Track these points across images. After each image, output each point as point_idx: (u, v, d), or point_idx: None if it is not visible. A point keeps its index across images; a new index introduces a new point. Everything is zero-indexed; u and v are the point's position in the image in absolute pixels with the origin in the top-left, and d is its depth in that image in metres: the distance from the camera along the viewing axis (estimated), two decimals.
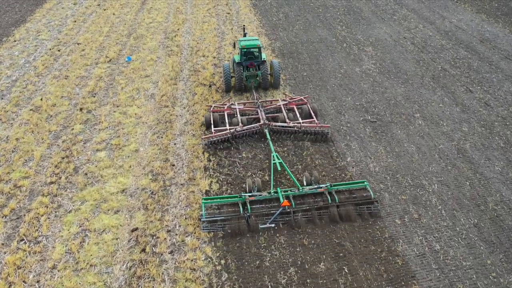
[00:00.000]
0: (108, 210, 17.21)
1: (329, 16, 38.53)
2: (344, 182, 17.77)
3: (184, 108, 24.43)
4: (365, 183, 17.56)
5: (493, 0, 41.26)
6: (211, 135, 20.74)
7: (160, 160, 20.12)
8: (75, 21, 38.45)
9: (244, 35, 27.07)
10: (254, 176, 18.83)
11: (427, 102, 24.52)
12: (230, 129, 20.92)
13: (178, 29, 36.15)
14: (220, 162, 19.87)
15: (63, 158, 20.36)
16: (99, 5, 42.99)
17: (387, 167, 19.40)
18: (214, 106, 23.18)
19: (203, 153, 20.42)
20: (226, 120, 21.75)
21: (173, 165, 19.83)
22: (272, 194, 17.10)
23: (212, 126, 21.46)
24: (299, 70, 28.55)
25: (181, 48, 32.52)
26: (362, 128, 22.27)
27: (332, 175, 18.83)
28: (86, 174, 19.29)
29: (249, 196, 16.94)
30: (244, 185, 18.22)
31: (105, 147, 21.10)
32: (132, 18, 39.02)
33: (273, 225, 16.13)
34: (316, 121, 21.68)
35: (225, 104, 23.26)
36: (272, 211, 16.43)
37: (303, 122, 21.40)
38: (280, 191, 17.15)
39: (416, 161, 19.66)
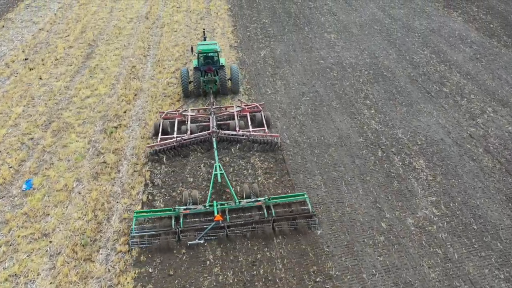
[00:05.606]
0: None
1: (348, 86, 26.42)
2: (283, 195, 17.15)
3: None
4: (305, 195, 16.97)
5: None
6: (156, 143, 20.20)
7: None
8: None
9: (204, 39, 26.67)
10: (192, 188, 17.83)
11: None
12: (176, 137, 20.57)
13: (124, 112, 24.09)
14: None
15: None
16: (26, 59, 30.83)
17: None
18: (167, 113, 22.54)
19: None
20: (176, 128, 21.31)
21: None
22: (208, 207, 16.58)
23: (160, 134, 20.91)
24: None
25: (120, 156, 20.50)
26: None
27: None
28: None
29: (184, 209, 16.40)
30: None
31: None
32: (64, 86, 26.93)
33: (202, 241, 15.42)
34: (266, 130, 21.20)
35: (178, 111, 22.69)
36: (205, 226, 15.70)
37: (253, 131, 21.06)
38: (216, 204, 16.68)
39: None
